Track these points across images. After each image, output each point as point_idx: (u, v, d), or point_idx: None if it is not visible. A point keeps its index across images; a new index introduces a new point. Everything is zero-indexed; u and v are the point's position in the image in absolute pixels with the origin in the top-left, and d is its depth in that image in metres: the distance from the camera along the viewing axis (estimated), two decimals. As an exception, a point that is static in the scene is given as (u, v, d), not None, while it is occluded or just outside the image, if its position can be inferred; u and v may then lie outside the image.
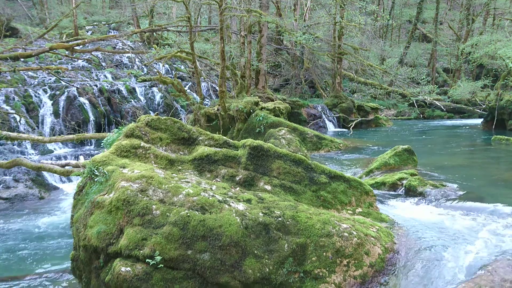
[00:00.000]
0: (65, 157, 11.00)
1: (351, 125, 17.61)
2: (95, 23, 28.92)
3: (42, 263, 5.56)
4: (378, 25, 28.53)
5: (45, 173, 9.66)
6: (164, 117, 5.03)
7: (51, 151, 12.03)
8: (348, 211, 4.56)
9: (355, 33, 21.33)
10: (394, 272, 3.52)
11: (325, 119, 18.44)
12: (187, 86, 18.49)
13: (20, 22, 25.12)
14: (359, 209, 4.64)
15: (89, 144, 13.30)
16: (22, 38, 20.32)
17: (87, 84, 15.11)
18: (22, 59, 16.26)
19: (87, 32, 26.14)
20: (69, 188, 9.61)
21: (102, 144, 5.33)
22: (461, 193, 5.62)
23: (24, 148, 11.57)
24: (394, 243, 3.90)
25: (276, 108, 14.00)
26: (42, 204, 8.64)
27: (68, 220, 5.89)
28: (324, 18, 20.77)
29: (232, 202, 3.75)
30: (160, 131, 4.86)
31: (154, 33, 23.55)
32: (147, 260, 3.27)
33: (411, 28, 29.72)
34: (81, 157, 10.50)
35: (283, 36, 20.78)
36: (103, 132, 13.28)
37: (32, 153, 11.56)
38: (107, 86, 15.58)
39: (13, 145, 11.31)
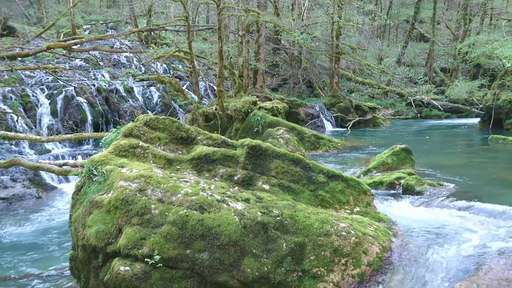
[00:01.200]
0: (63, 157, 10.97)
1: (349, 124, 17.63)
2: (93, 22, 28.85)
3: (40, 263, 5.55)
4: (376, 24, 28.61)
5: (43, 173, 9.64)
6: (163, 116, 5.04)
7: (49, 151, 12.00)
8: (346, 211, 4.58)
9: (353, 32, 21.37)
10: (392, 271, 3.54)
11: (323, 118, 18.46)
12: (185, 86, 18.47)
13: (17, 21, 25.05)
14: (357, 208, 4.66)
15: (87, 144, 13.27)
16: (19, 37, 20.25)
17: (85, 84, 15.08)
18: (19, 59, 16.20)
19: (85, 31, 26.09)
20: (67, 188, 9.60)
21: (100, 143, 5.33)
22: (458, 192, 5.66)
23: (21, 148, 11.53)
24: (392, 242, 3.92)
25: (274, 107, 14.01)
26: (40, 204, 8.62)
27: (66, 220, 5.90)
28: (322, 18, 20.81)
29: (231, 202, 3.76)
30: (159, 131, 4.86)
31: (152, 33, 23.51)
32: (146, 259, 3.28)
33: (409, 27, 29.76)
34: (79, 157, 10.47)
35: (281, 35, 20.79)
36: (101, 131, 13.25)
37: (30, 153, 11.53)
38: (105, 85, 15.55)
39: (11, 145, 11.28)
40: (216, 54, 16.31)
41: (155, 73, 16.28)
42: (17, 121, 12.13)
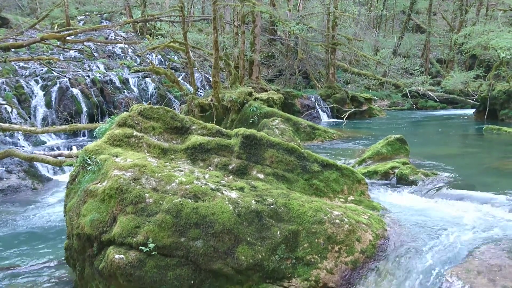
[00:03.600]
0: (58, 148, 10.94)
1: (345, 115, 17.64)
2: (87, 13, 28.57)
3: (36, 253, 5.56)
4: (372, 15, 28.51)
5: (38, 164, 9.61)
6: (157, 106, 5.02)
7: (44, 142, 11.96)
8: (340, 199, 4.60)
9: (349, 23, 21.33)
10: (384, 258, 3.57)
11: (319, 109, 18.47)
12: (181, 77, 18.40)
13: (10, 12, 24.75)
14: (351, 197, 4.69)
15: (82, 135, 13.23)
16: (13, 28, 20.02)
17: (80, 75, 14.98)
18: (13, 50, 16.04)
19: (79, 22, 25.83)
20: (62, 179, 9.58)
21: (95, 133, 5.32)
22: (452, 181, 5.69)
23: (16, 139, 11.48)
24: (385, 230, 3.95)
25: (270, 98, 14.00)
26: (35, 195, 8.61)
27: (61, 211, 5.90)
28: (318, 8, 20.71)
29: (225, 190, 3.78)
30: (153, 120, 4.85)
31: (147, 23, 23.33)
32: (140, 247, 3.29)
33: (405, 18, 29.72)
34: (74, 148, 10.46)
35: (277, 26, 20.72)
36: (96, 123, 13.21)
37: (25, 144, 11.48)
38: (100, 76, 15.45)
39: (5, 136, 11.22)
40: (211, 45, 16.20)
41: (150, 64, 16.20)
42: (11, 112, 12.06)
